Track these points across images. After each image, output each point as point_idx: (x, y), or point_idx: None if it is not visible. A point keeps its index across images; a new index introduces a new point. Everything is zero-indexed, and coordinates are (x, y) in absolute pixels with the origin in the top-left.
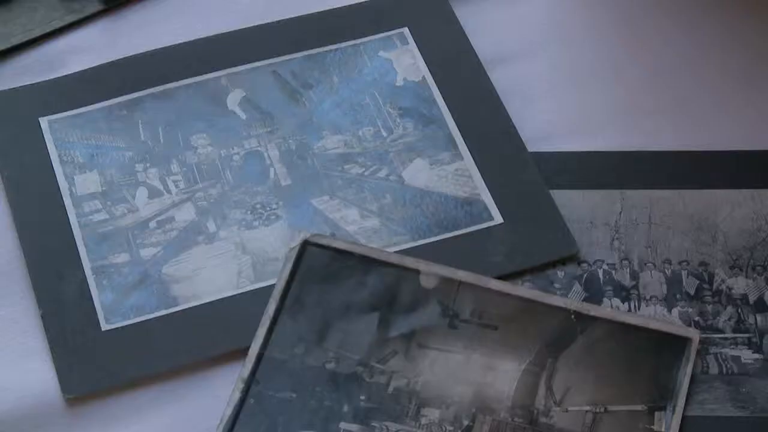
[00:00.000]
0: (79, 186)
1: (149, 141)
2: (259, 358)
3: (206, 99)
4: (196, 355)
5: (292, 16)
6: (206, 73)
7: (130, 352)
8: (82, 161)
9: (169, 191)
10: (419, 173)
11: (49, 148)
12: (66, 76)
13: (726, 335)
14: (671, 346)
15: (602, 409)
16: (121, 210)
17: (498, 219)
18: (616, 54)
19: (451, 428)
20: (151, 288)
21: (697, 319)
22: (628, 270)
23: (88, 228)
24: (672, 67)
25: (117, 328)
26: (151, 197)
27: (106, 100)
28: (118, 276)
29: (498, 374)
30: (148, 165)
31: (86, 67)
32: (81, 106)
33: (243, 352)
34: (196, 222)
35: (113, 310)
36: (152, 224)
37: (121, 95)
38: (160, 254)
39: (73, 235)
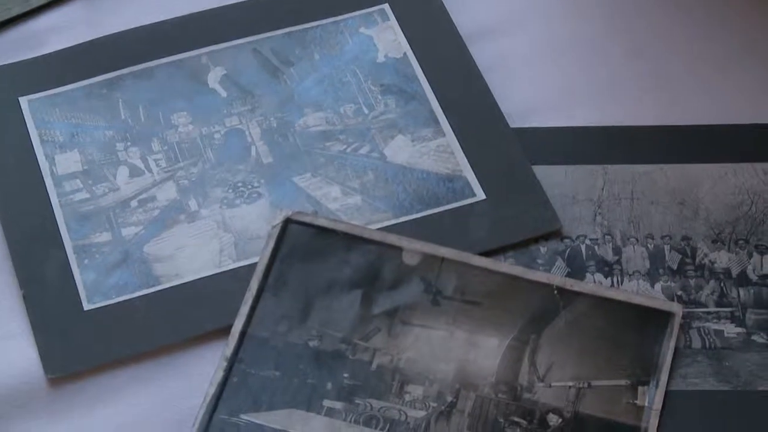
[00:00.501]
0: (59, 165)
1: (130, 120)
2: (242, 336)
3: (186, 77)
4: (178, 334)
5: None
6: (186, 51)
7: (113, 332)
8: (62, 140)
9: (150, 170)
10: (401, 150)
11: (29, 127)
12: (45, 55)
13: (709, 309)
14: (654, 320)
15: (586, 384)
16: (102, 189)
17: (480, 195)
18: (598, 29)
19: (435, 405)
20: (133, 267)
21: (679, 293)
22: (610, 245)
23: (69, 207)
24: (653, 42)
25: (99, 308)
26: (132, 176)
27: (86, 78)
28: (100, 255)
29: (481, 350)
30: (128, 144)
31: (66, 46)
32: (61, 85)
33: (226, 331)
34: (177, 201)
35: (95, 289)
36: (134, 203)
37: (101, 74)
38: (142, 233)
39: (54, 215)
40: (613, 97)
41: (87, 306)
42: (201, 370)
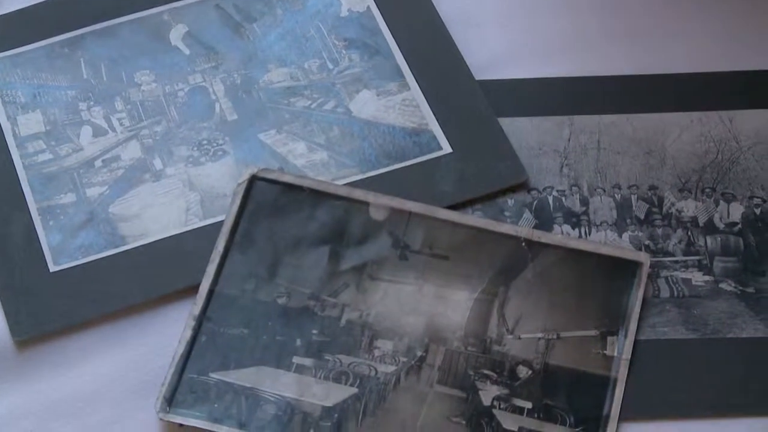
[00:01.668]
0: (22, 126)
1: (92, 79)
2: (210, 294)
3: (148, 35)
4: (146, 293)
5: None
6: (148, 8)
7: (80, 293)
8: (24, 101)
9: (113, 129)
10: (366, 104)
11: None
12: (4, 15)
13: (676, 258)
14: (622, 270)
15: (555, 336)
16: (65, 150)
17: (447, 148)
18: None
19: (405, 359)
20: (99, 228)
21: (647, 243)
22: (578, 196)
23: (32, 169)
24: None
25: (65, 269)
26: (95, 136)
27: (47, 38)
28: (65, 217)
29: (450, 304)
30: (91, 103)
31: (25, 6)
32: (21, 45)
33: (193, 290)
34: (142, 160)
35: (61, 251)
36: (98, 163)
37: (62, 33)
38: (107, 193)
39: (17, 177)
40: (578, 48)
41: (53, 268)
42: (169, 330)
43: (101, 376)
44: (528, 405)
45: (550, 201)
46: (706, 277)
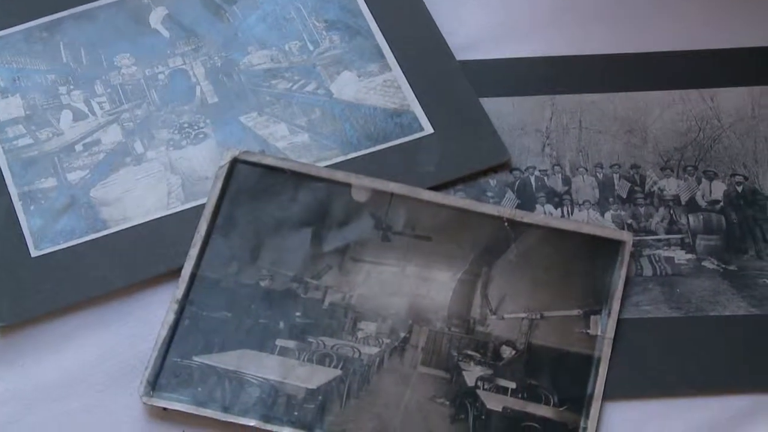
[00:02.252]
0: (1, 111)
1: (72, 63)
2: (193, 278)
3: (128, 18)
4: (128, 278)
5: None
6: None
7: (62, 278)
8: (3, 86)
9: (94, 113)
10: (347, 86)
11: None
12: None
13: (659, 237)
14: (605, 249)
15: (538, 316)
16: (45, 134)
17: (428, 129)
18: None
19: (388, 341)
20: (80, 212)
21: (630, 221)
22: (560, 175)
23: (12, 153)
24: None
25: (47, 254)
26: (76, 120)
27: (26, 22)
28: (46, 201)
29: (433, 285)
30: (71, 87)
31: None
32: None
33: (176, 274)
34: (123, 143)
35: (42, 235)
36: (78, 147)
37: (41, 17)
38: (88, 177)
39: None
40: (559, 28)
41: (34, 253)
42: (152, 314)
43: (84, 361)
44: (512, 385)
45: (533, 181)
46: (689, 256)
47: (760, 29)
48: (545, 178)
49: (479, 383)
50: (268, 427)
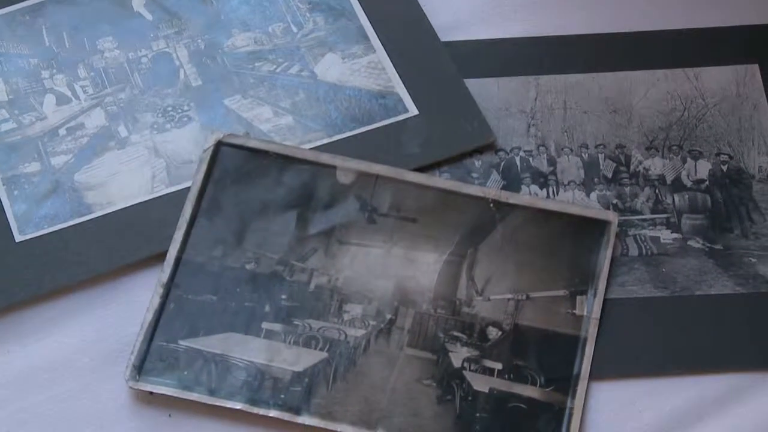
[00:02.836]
0: None
1: (54, 46)
2: (178, 262)
3: (111, 1)
4: (113, 262)
5: None
6: None
7: (47, 263)
8: None
9: (77, 97)
10: (331, 68)
11: None
12: None
13: (644, 216)
14: (590, 230)
15: (524, 297)
16: (29, 119)
17: (413, 111)
18: None
19: (374, 323)
20: (64, 196)
21: (615, 201)
22: (545, 156)
23: None
24: None
25: (31, 239)
26: (59, 104)
27: (8, 6)
28: (30, 186)
29: (419, 267)
30: (54, 71)
31: None
32: None
33: (161, 257)
34: (106, 127)
35: (26, 220)
36: (62, 131)
37: (23, 0)
38: (72, 162)
39: None
40: (544, 8)
41: (19, 237)
42: (137, 298)
43: (70, 346)
44: (498, 366)
45: (518, 161)
46: (675, 235)
47: (744, 8)
48: (530, 158)
49: (466, 364)
50: (255, 410)
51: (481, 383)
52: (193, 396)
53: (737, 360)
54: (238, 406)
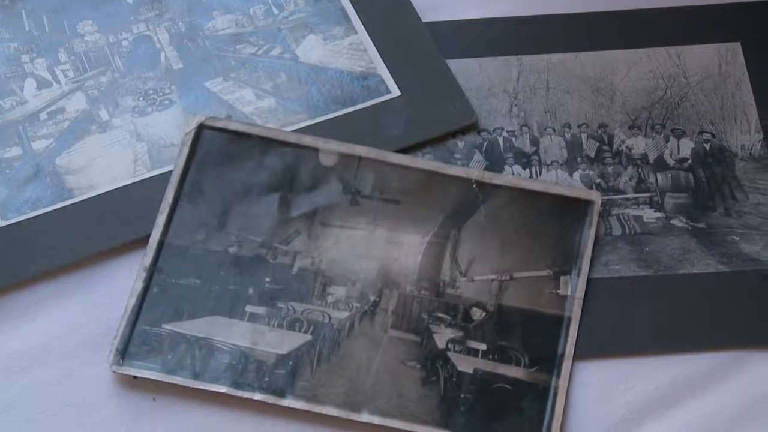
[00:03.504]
0: None
1: (34, 30)
2: (161, 245)
3: None
4: (96, 246)
5: None
6: None
7: (29, 248)
8: None
9: (58, 81)
10: (313, 49)
11: None
12: None
13: (627, 196)
14: (574, 209)
15: (508, 277)
16: (9, 103)
17: (395, 92)
18: None
19: (358, 305)
20: (46, 181)
21: (598, 181)
22: (528, 136)
23: None
24: None
25: (13, 224)
26: (39, 88)
27: None
28: (11, 170)
29: (402, 248)
30: (34, 55)
31: None
32: None
33: (143, 241)
34: (87, 111)
35: (8, 205)
36: (43, 116)
37: None
38: (53, 146)
39: None
40: None
41: (1, 223)
42: (120, 282)
43: (53, 331)
44: (482, 347)
45: (501, 142)
46: (658, 214)
47: None
48: (513, 138)
49: (450, 345)
50: (239, 393)
51: (465, 364)
52: (177, 380)
53: (721, 338)
54: (223, 389)
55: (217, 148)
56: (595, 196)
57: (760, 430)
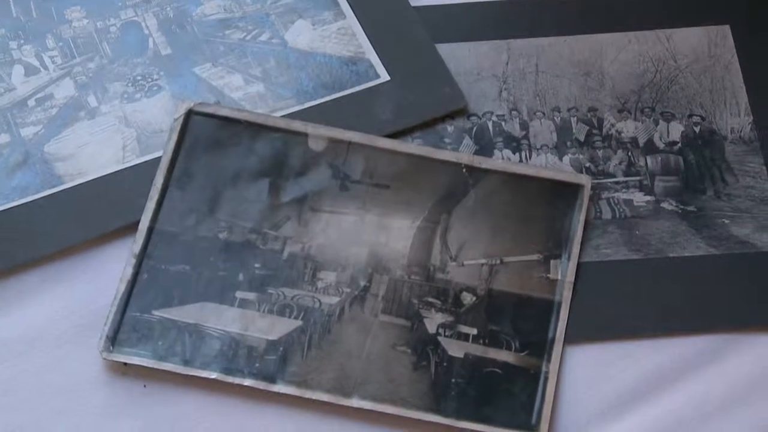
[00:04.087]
0: None
1: (21, 17)
2: (150, 232)
3: None
4: (85, 233)
5: None
6: None
7: (18, 235)
8: None
9: (46, 68)
10: (302, 35)
11: None
12: None
13: (617, 179)
14: (564, 193)
15: (498, 261)
16: None
17: (384, 77)
18: None
19: (348, 290)
20: (35, 168)
21: (588, 165)
22: (517, 120)
23: None
24: None
25: (2, 211)
26: (27, 75)
27: None
28: (0, 158)
29: (392, 233)
30: (22, 42)
31: None
32: None
33: (133, 228)
34: (76, 98)
35: None
36: (31, 102)
37: None
38: (42, 133)
39: None
40: None
41: None
42: (110, 269)
43: (43, 318)
44: (473, 331)
45: (490, 126)
46: (648, 197)
47: None
48: (503, 123)
49: (440, 330)
50: (230, 379)
51: (456, 349)
52: (168, 366)
53: (711, 321)
54: (213, 375)
55: (206, 134)
56: (585, 180)
57: (751, 413)
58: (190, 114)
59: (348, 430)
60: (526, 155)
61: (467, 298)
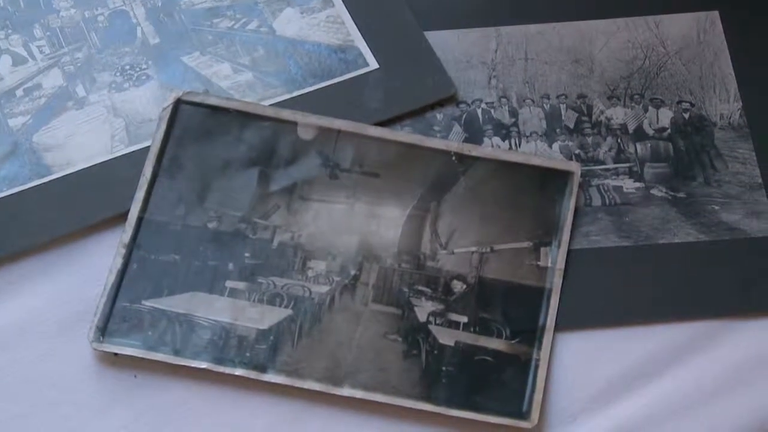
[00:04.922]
0: None
1: (9, 6)
2: (139, 222)
3: None
4: (74, 223)
5: None
6: None
7: (6, 226)
8: None
9: (33, 57)
10: (290, 23)
11: None
12: None
13: (607, 166)
14: (554, 181)
15: (488, 249)
16: None
17: (373, 65)
18: None
19: (339, 279)
20: (23, 158)
21: (577, 152)
22: (507, 107)
23: None
24: None
25: None
26: (15, 65)
27: None
28: None
29: (382, 221)
30: (9, 31)
31: None
32: None
33: (122, 218)
34: (64, 87)
35: None
36: (19, 92)
37: None
38: (30, 123)
39: None
40: None
41: None
42: (100, 259)
43: (32, 309)
44: (464, 319)
45: (480, 114)
46: (637, 184)
47: None
48: (492, 110)
49: (431, 318)
50: (220, 369)
51: (446, 337)
52: (158, 356)
53: (702, 308)
54: (204, 365)
55: (195, 123)
56: (575, 167)
57: (742, 399)
58: (178, 103)
59: (339, 419)
60: (515, 142)
61: (458, 286)
